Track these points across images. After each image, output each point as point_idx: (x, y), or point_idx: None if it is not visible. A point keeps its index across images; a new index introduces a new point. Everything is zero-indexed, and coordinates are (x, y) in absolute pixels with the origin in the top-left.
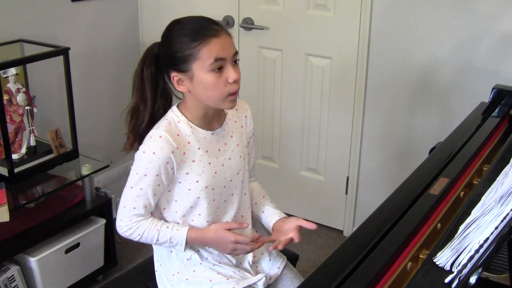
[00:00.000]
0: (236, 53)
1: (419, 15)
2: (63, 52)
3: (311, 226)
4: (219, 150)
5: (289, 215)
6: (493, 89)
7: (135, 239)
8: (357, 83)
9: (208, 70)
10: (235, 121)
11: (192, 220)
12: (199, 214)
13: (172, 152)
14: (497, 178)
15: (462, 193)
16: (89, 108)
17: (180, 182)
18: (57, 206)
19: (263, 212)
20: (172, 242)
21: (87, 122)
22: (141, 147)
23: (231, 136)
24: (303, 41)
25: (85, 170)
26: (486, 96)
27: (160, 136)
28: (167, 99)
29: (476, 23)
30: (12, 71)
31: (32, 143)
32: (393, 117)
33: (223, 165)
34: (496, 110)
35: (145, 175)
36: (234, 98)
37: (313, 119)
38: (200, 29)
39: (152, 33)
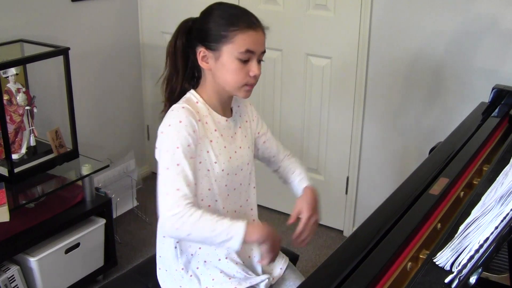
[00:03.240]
0: (264, 52)
1: (419, 15)
2: (63, 52)
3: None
4: (231, 137)
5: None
6: (493, 89)
7: (186, 232)
8: (357, 83)
9: (236, 57)
10: (240, 115)
11: (209, 206)
12: (216, 200)
13: (198, 121)
14: (497, 178)
15: (462, 193)
16: (89, 108)
17: (200, 162)
18: (57, 206)
19: (293, 190)
20: (228, 234)
21: (87, 122)
22: (165, 122)
23: (240, 127)
24: (303, 41)
25: (85, 170)
26: (486, 96)
27: (183, 107)
28: (195, 73)
29: (476, 23)
30: (12, 71)
31: (32, 143)
32: (393, 117)
33: (235, 152)
34: (496, 110)
35: (177, 148)
36: (250, 89)
37: (313, 119)
38: (242, 16)
39: (152, 33)
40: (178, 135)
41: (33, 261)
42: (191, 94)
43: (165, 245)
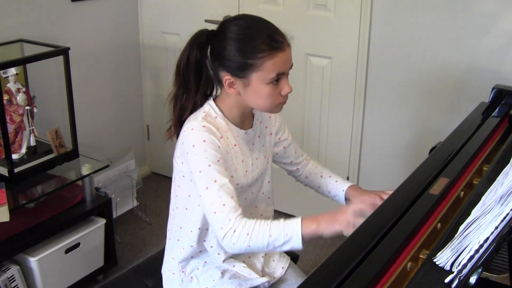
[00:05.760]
0: (292, 65)
1: (419, 15)
2: (63, 52)
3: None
4: (249, 149)
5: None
6: (493, 89)
7: (245, 245)
8: (357, 83)
9: (267, 83)
10: (261, 122)
11: None
12: None
13: (220, 138)
14: (497, 178)
15: (462, 193)
16: (89, 108)
17: None
18: (57, 206)
19: (329, 192)
20: (286, 234)
21: (87, 122)
22: (188, 143)
23: (258, 137)
24: (303, 41)
25: (85, 170)
26: (486, 96)
27: (204, 126)
28: (208, 87)
29: (476, 23)
30: (12, 71)
31: (32, 143)
32: (393, 117)
33: (252, 164)
34: (496, 110)
35: (209, 166)
36: (283, 105)
37: (313, 119)
38: (266, 38)
39: (152, 33)
40: (205, 153)
41: (33, 261)
42: (210, 107)
43: (178, 248)
